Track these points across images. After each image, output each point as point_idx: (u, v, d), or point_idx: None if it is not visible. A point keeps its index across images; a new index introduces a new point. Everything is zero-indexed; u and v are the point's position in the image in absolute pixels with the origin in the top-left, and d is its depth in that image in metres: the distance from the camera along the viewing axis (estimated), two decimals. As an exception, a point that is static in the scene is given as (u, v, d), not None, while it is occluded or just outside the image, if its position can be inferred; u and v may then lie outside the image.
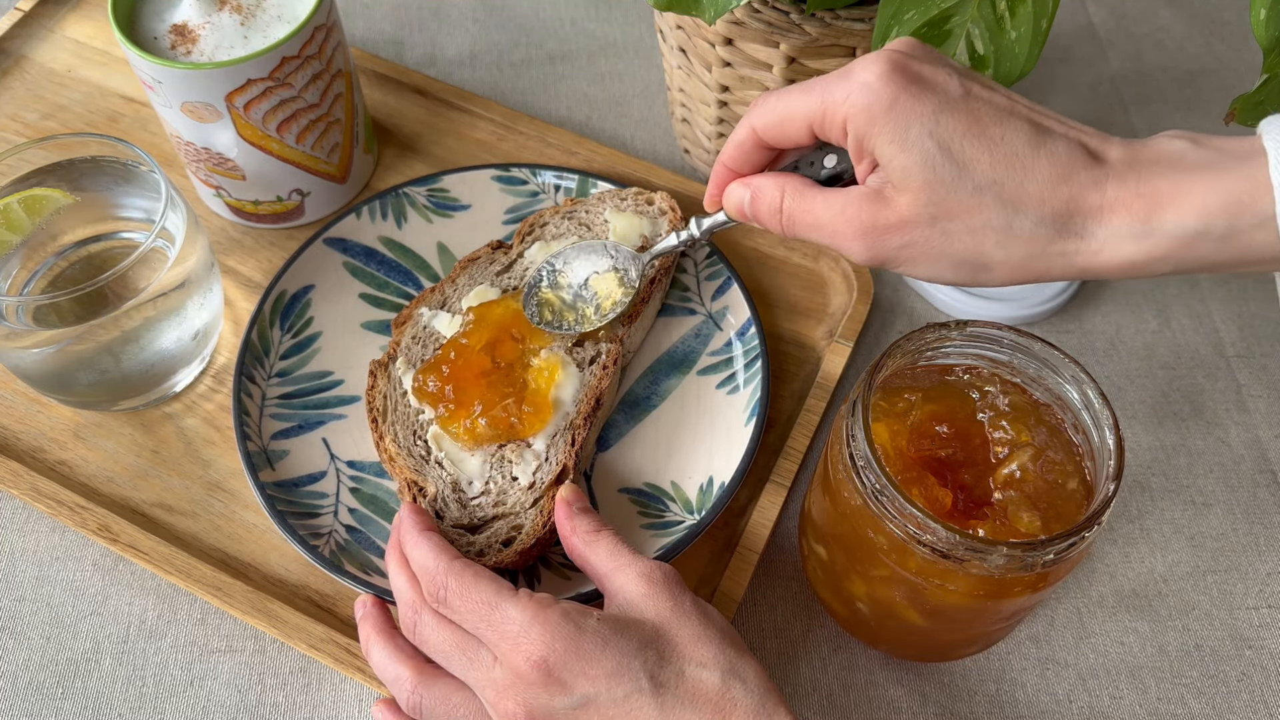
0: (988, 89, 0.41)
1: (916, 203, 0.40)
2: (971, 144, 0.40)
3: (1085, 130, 0.41)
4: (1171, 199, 0.38)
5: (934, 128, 0.40)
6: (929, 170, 0.40)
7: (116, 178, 0.59)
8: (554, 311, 0.58)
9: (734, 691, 0.42)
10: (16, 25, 0.75)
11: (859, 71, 0.41)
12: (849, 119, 0.41)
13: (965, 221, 0.40)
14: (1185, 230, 0.38)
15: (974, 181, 0.39)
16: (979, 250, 0.41)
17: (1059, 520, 0.46)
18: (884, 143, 0.40)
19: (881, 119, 0.40)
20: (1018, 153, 0.39)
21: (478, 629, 0.44)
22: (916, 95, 0.40)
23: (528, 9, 0.81)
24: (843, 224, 0.43)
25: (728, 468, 0.56)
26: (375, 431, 0.56)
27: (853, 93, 0.41)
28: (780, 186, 0.45)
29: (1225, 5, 0.82)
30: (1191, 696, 0.54)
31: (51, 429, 0.60)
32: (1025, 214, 0.40)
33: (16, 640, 0.54)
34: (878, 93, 0.40)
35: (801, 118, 0.43)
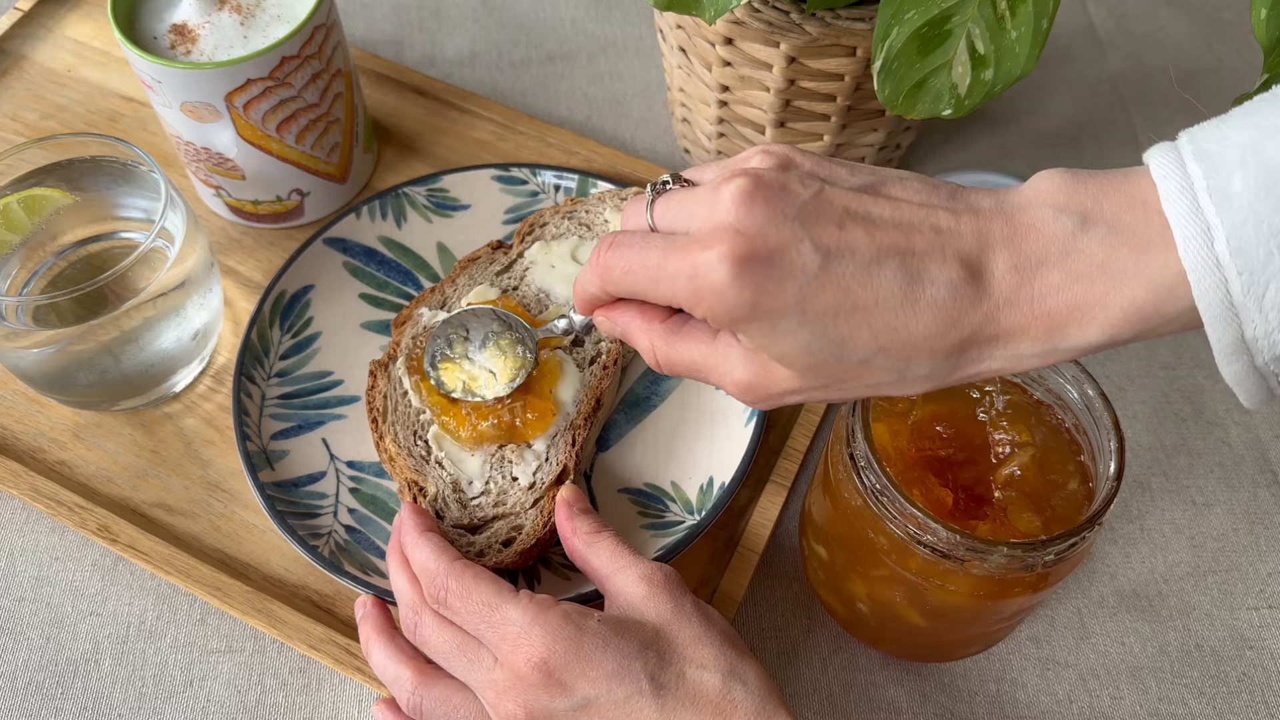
0: (845, 230, 0.36)
1: (804, 378, 0.38)
2: (845, 320, 0.36)
3: (959, 226, 0.36)
4: (1073, 318, 0.35)
5: (801, 317, 0.36)
6: (809, 356, 0.37)
7: (116, 178, 0.59)
8: (459, 380, 0.55)
9: (735, 693, 0.42)
10: (16, 25, 0.75)
11: (705, 271, 0.36)
12: (709, 318, 0.38)
13: (857, 383, 0.38)
14: (1089, 343, 0.35)
15: (858, 355, 0.37)
16: (876, 393, 0.39)
17: (1059, 520, 0.46)
18: (756, 338, 0.38)
19: (744, 320, 0.37)
20: (896, 313, 0.36)
21: (478, 630, 0.44)
22: (774, 291, 0.36)
23: (528, 9, 0.81)
24: (730, 385, 0.40)
25: (728, 468, 0.56)
26: (375, 432, 0.56)
27: (705, 298, 0.37)
28: (648, 334, 0.42)
29: (1225, 5, 0.82)
30: (1192, 697, 0.54)
31: (51, 429, 0.60)
32: (918, 364, 0.37)
33: (16, 640, 0.54)
34: (734, 302, 0.36)
35: (654, 299, 0.40)
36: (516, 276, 0.61)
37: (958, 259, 0.36)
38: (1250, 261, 0.31)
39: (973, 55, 0.50)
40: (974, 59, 0.50)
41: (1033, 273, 0.35)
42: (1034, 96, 0.77)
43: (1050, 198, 0.36)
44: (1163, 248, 0.33)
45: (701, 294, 0.37)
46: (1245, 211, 0.31)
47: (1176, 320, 0.34)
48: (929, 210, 0.37)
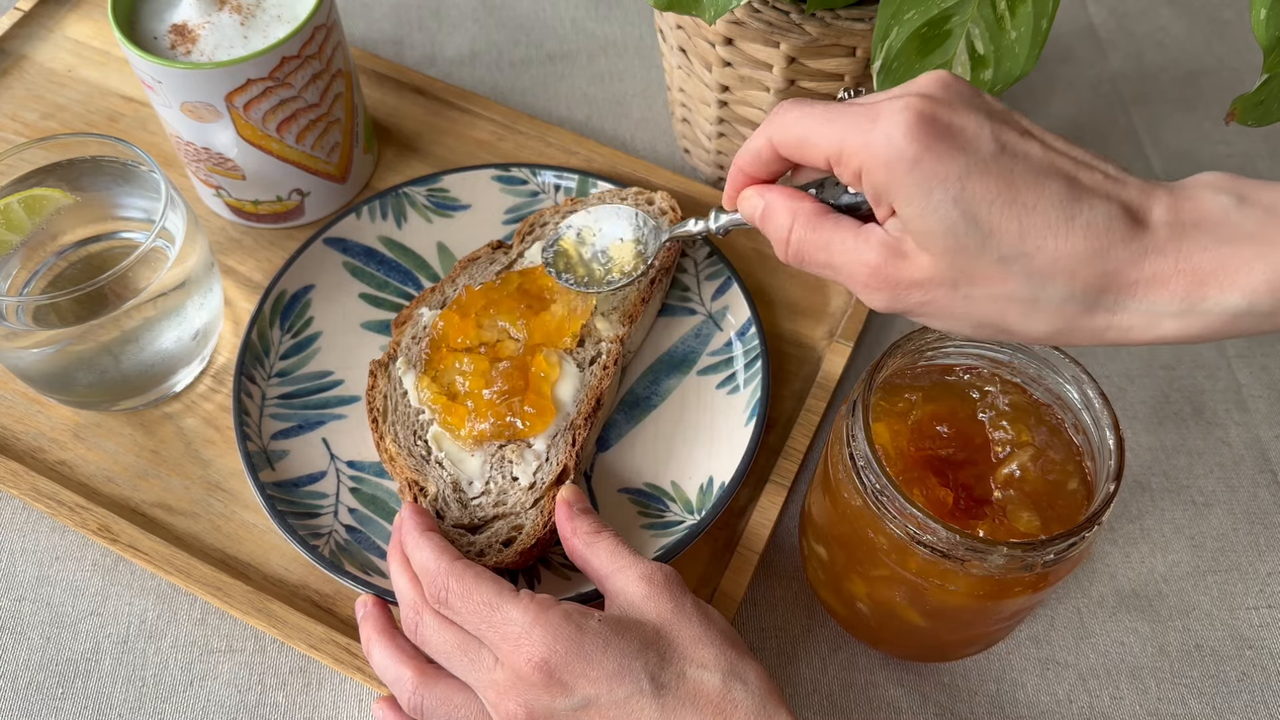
0: (1024, 138, 0.37)
1: (938, 265, 0.38)
2: (1000, 211, 0.36)
3: (1126, 181, 0.37)
4: (1215, 277, 0.35)
5: (959, 193, 0.36)
6: (951, 238, 0.37)
7: (116, 178, 0.59)
8: (568, 264, 0.58)
9: (735, 693, 0.42)
10: (16, 25, 0.75)
11: (883, 119, 0.37)
12: (866, 170, 0.38)
13: (989, 290, 0.37)
14: (1227, 310, 0.36)
15: (1000, 251, 0.36)
16: (1001, 318, 0.38)
17: (1059, 520, 0.46)
18: (904, 203, 0.37)
19: (902, 177, 0.37)
20: (1051, 223, 0.36)
21: (479, 630, 0.44)
22: (942, 155, 0.36)
23: (528, 9, 0.81)
24: (859, 270, 0.39)
25: (728, 468, 0.56)
26: (375, 431, 0.56)
27: (873, 143, 0.37)
28: (792, 211, 0.42)
29: (1225, 5, 0.82)
30: (1192, 697, 0.54)
31: (51, 429, 0.60)
32: (1054, 286, 0.37)
33: (16, 640, 0.54)
34: (900, 149, 0.36)
35: (818, 148, 0.40)
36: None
37: (1120, 201, 0.37)
38: None
39: (972, 55, 0.50)
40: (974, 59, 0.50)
41: (1185, 230, 0.36)
42: (1034, 96, 0.77)
43: (1211, 182, 0.37)
44: None
45: (871, 136, 0.37)
46: None
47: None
48: (1102, 162, 0.38)
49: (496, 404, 0.55)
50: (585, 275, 0.57)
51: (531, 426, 0.55)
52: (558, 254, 0.58)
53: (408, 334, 0.59)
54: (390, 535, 0.54)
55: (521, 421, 0.55)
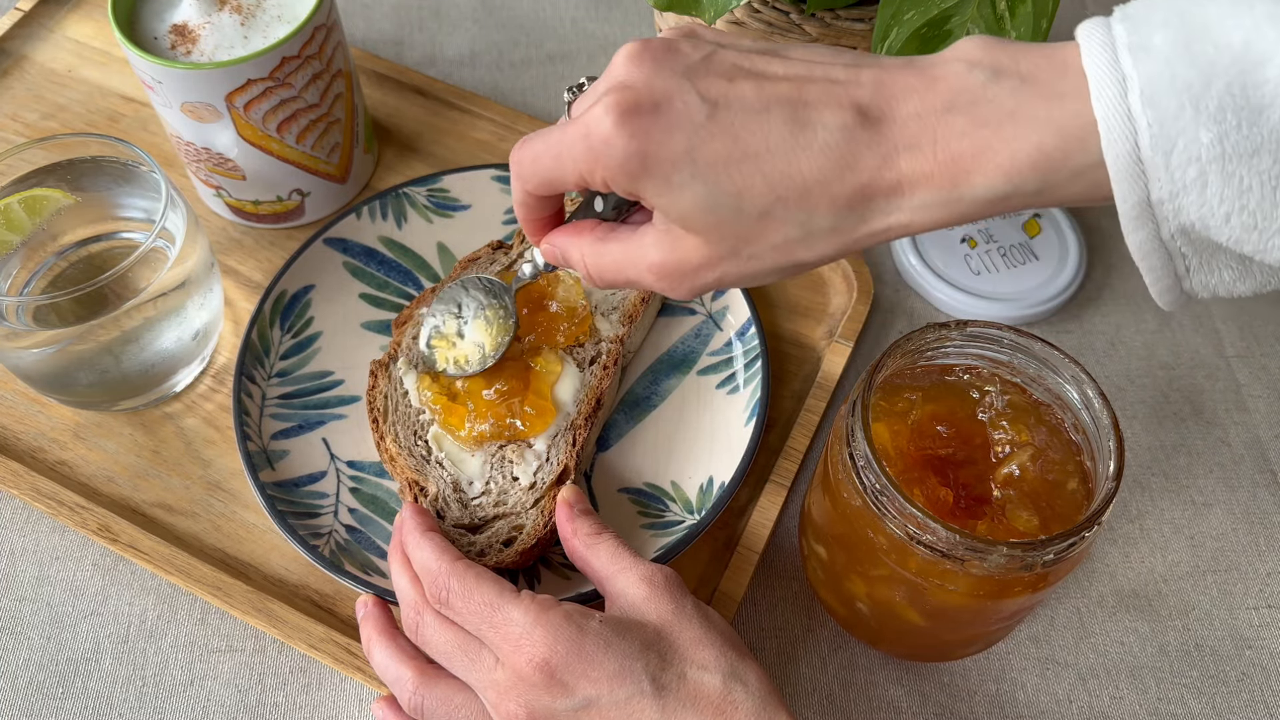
0: (733, 82, 0.36)
1: (710, 241, 0.38)
2: (738, 169, 0.36)
3: (859, 80, 0.36)
4: (976, 163, 0.34)
5: (694, 168, 0.36)
6: (708, 212, 0.36)
7: (116, 178, 0.59)
8: (449, 357, 0.56)
9: (735, 694, 0.42)
10: (16, 25, 0.75)
11: (594, 126, 0.36)
12: (608, 180, 0.37)
13: (764, 243, 0.37)
14: (994, 193, 0.34)
15: (756, 207, 0.36)
16: (789, 259, 0.38)
17: (1059, 520, 0.46)
18: (652, 196, 0.37)
19: (639, 175, 0.36)
20: (788, 158, 0.35)
21: (479, 630, 0.44)
22: (662, 140, 0.36)
23: (528, 9, 0.81)
24: (647, 274, 0.40)
25: (728, 468, 0.56)
26: (376, 432, 0.56)
27: (599, 153, 0.37)
28: (578, 246, 0.43)
29: (1225, 5, 0.82)
30: (1191, 696, 0.54)
31: (51, 429, 0.60)
32: (819, 215, 0.36)
33: (16, 640, 0.54)
34: (624, 150, 0.36)
35: (564, 181, 0.40)
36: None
37: (852, 106, 0.35)
38: (1161, 113, 0.31)
39: (972, 55, 0.50)
40: (974, 59, 0.50)
41: (937, 119, 0.34)
42: (1034, 96, 0.76)
43: (966, 54, 0.35)
44: (1075, 99, 0.33)
45: (595, 151, 0.36)
46: (1161, 64, 0.31)
47: (1083, 176, 0.33)
48: (826, 66, 0.36)
49: (497, 404, 0.55)
50: (472, 358, 0.56)
51: (531, 427, 0.55)
52: (435, 352, 0.56)
53: (408, 334, 0.59)
54: (390, 535, 0.54)
55: (521, 422, 0.55)
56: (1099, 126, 0.32)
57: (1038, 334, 0.48)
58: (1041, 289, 0.65)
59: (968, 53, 0.35)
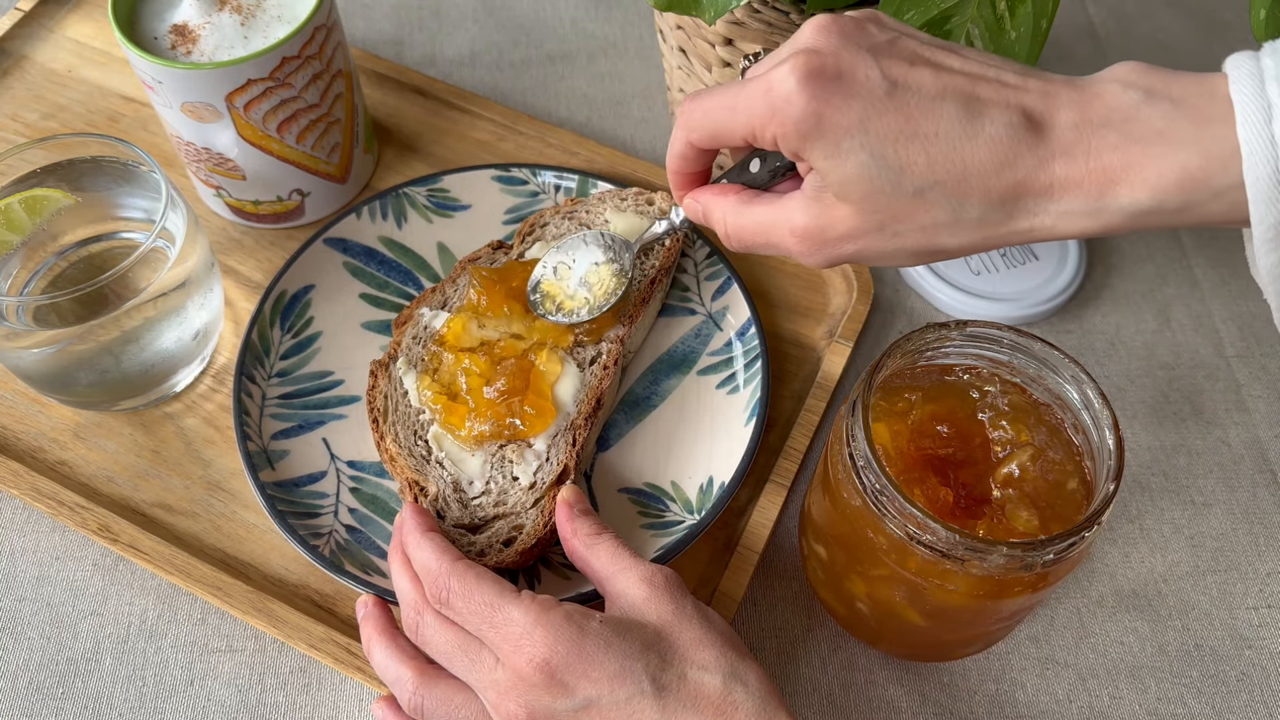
0: (914, 66, 0.38)
1: (861, 212, 0.39)
2: (905, 146, 0.38)
3: (1027, 86, 0.38)
4: (1124, 175, 0.36)
5: (864, 137, 0.38)
6: (867, 182, 0.38)
7: (117, 178, 0.59)
8: (556, 303, 0.58)
9: (735, 695, 0.42)
10: (16, 25, 0.75)
11: (777, 84, 0.38)
12: (779, 137, 0.39)
13: (912, 222, 0.39)
14: (1138, 207, 0.36)
15: (914, 185, 0.38)
16: (931, 243, 0.40)
17: (1058, 520, 0.46)
18: (818, 158, 0.39)
19: (811, 135, 0.38)
20: (954, 145, 0.37)
21: (480, 630, 0.44)
22: (840, 106, 0.38)
23: (528, 9, 0.81)
24: (789, 238, 0.42)
25: (728, 468, 0.56)
26: (376, 432, 0.56)
27: (777, 109, 0.39)
28: (721, 207, 0.45)
29: (1225, 5, 0.82)
30: (1191, 696, 0.54)
31: (51, 429, 0.60)
32: (971, 204, 0.38)
33: (17, 640, 0.54)
34: (802, 111, 0.38)
35: (733, 134, 0.42)
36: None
37: (1019, 108, 0.37)
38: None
39: (973, 55, 0.50)
40: (974, 59, 0.50)
41: (1092, 131, 0.37)
42: (1034, 96, 0.76)
43: (1122, 76, 0.38)
44: (1222, 124, 0.35)
45: (774, 107, 0.39)
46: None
47: (1223, 198, 0.35)
48: (998, 69, 0.39)
49: (497, 404, 0.55)
50: (574, 308, 0.58)
51: (531, 427, 0.55)
52: (544, 296, 0.58)
53: (408, 334, 0.59)
54: (390, 535, 0.54)
55: (521, 422, 0.55)
56: (1242, 150, 0.34)
57: (1038, 334, 0.48)
58: (1041, 289, 0.65)
59: (1124, 75, 0.38)
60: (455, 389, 0.56)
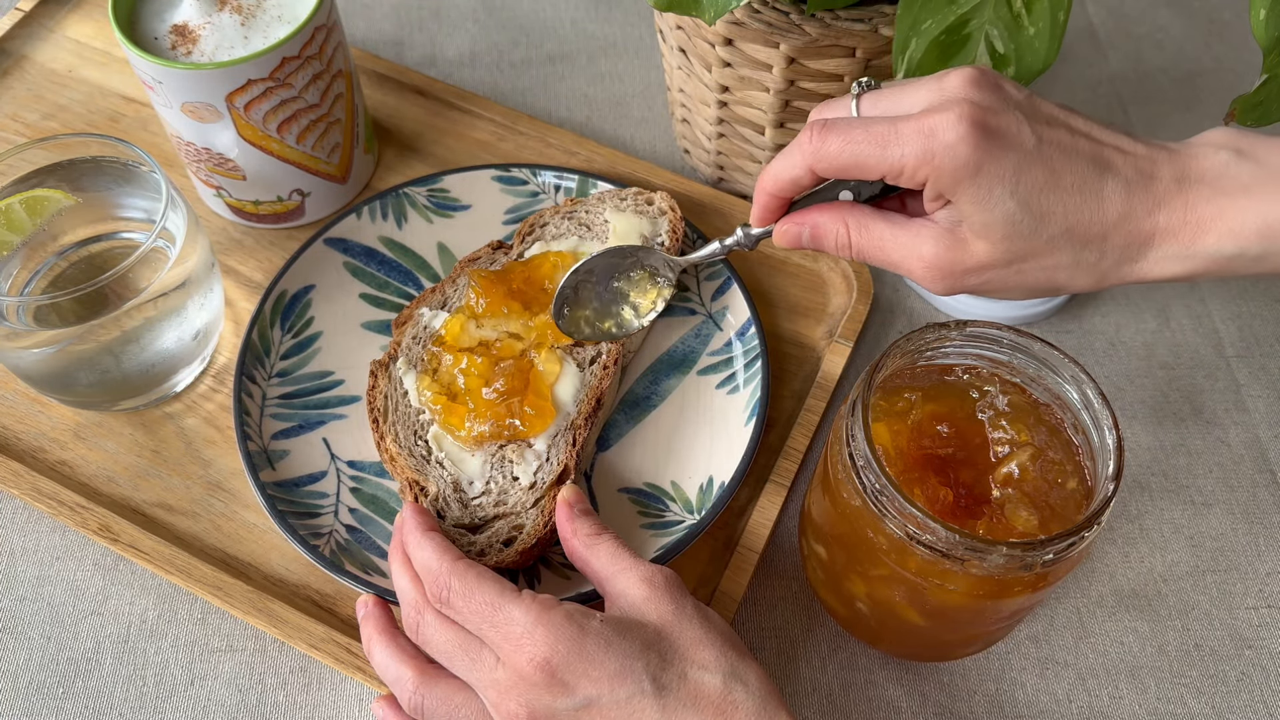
0: (1052, 127, 0.43)
1: (995, 250, 0.43)
2: (1048, 197, 0.42)
3: (1136, 149, 0.43)
4: (1214, 225, 0.41)
5: (1015, 187, 0.42)
6: (1010, 226, 0.42)
7: (117, 178, 0.59)
8: (590, 322, 0.58)
9: (735, 694, 0.42)
10: (17, 25, 0.75)
11: (940, 132, 0.41)
12: (931, 180, 0.42)
13: (1040, 262, 0.43)
14: (1223, 253, 0.41)
15: (1050, 231, 0.42)
16: (1050, 281, 0.44)
17: (1058, 520, 0.46)
18: (968, 203, 0.42)
19: (967, 183, 0.42)
20: (1087, 199, 0.42)
21: (480, 630, 0.44)
22: (998, 157, 0.41)
23: (528, 9, 0.81)
24: (917, 264, 0.45)
25: (728, 468, 0.56)
26: (376, 431, 0.56)
27: (936, 155, 0.41)
28: (843, 220, 0.47)
29: (1225, 5, 0.82)
30: (1191, 696, 0.54)
31: (52, 429, 0.60)
32: (1092, 250, 0.43)
33: (17, 640, 0.54)
34: (964, 159, 0.41)
35: (875, 170, 0.44)
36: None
37: (1134, 166, 0.43)
38: None
39: (993, 55, 0.50)
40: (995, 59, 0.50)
41: (1188, 186, 0.42)
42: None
43: (1214, 140, 0.43)
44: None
45: (934, 150, 0.41)
46: None
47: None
48: (1113, 134, 0.44)
49: (496, 404, 0.55)
50: (613, 324, 0.58)
51: (531, 427, 0.55)
52: (574, 318, 0.57)
53: (408, 334, 0.59)
54: (391, 535, 0.54)
55: (521, 422, 0.55)
56: None
57: (1038, 334, 0.48)
58: (1041, 289, 0.65)
59: (1216, 139, 0.43)
60: (455, 389, 0.56)
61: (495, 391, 0.55)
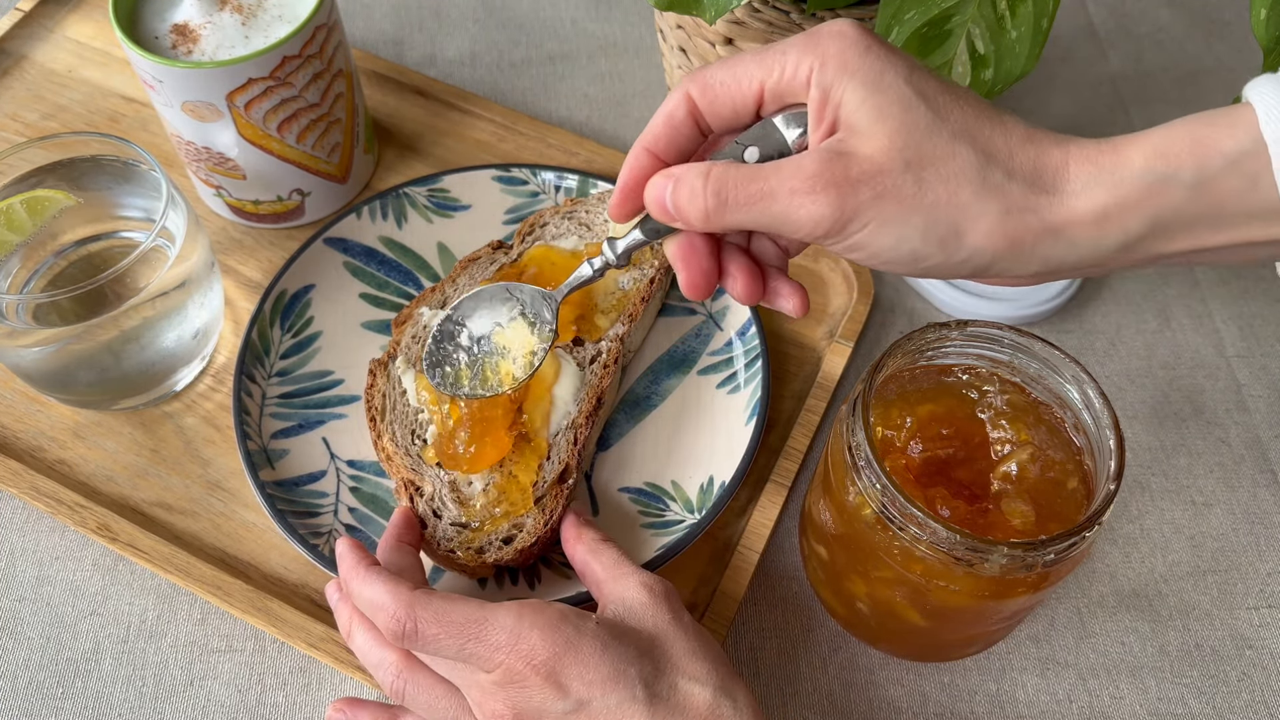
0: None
1: (891, 146, 0.37)
2: (945, 96, 0.38)
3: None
4: (1134, 144, 0.37)
5: (909, 75, 0.38)
6: (905, 111, 0.37)
7: (117, 177, 0.59)
8: (457, 373, 0.50)
9: (724, 709, 0.42)
10: (17, 25, 0.75)
11: (826, 30, 0.39)
12: (817, 70, 0.38)
13: (940, 169, 0.37)
14: (1152, 173, 0.36)
15: (949, 128, 0.37)
16: (953, 201, 0.37)
17: (1058, 520, 0.46)
18: (857, 85, 0.37)
19: (855, 64, 0.37)
20: (985, 111, 0.38)
21: (463, 650, 0.42)
22: (888, 50, 0.38)
23: (528, 9, 0.81)
24: (800, 183, 0.37)
25: (728, 467, 0.56)
26: (373, 430, 0.56)
27: (823, 42, 0.38)
28: (704, 169, 0.39)
29: (1225, 5, 0.82)
30: (1192, 696, 0.54)
31: (51, 428, 0.60)
32: (997, 165, 0.37)
33: (16, 640, 0.54)
34: (853, 40, 0.38)
35: (753, 77, 0.39)
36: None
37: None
38: None
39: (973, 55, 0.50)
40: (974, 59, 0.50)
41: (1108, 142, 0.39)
42: (1034, 96, 0.77)
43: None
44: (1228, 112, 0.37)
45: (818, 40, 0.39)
46: None
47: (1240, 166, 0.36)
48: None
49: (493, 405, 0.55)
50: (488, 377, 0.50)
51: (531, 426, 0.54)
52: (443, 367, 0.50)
53: (408, 334, 0.59)
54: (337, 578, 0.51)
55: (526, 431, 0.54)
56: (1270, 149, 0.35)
57: (1038, 334, 0.48)
58: (1042, 289, 0.65)
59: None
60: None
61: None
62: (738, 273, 0.43)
